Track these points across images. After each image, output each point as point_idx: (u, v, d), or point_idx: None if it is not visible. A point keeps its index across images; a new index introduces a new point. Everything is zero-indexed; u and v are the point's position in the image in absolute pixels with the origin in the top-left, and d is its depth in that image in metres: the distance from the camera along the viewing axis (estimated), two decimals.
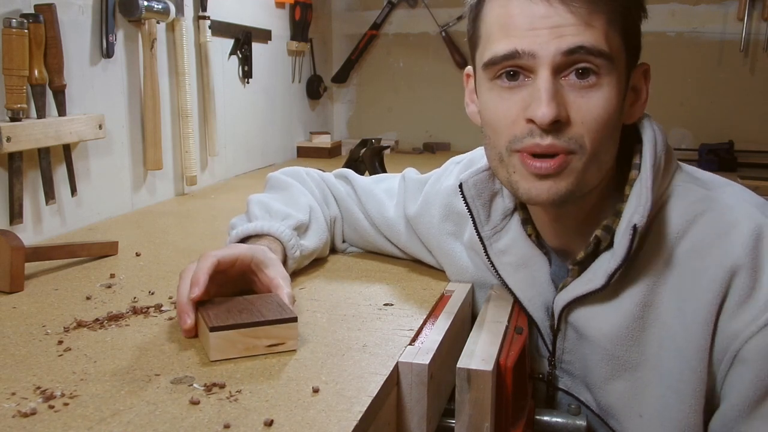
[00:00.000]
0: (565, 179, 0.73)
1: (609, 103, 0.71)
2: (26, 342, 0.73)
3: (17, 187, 1.13)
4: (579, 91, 0.71)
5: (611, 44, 0.70)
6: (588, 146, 0.72)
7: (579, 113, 0.71)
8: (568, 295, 0.80)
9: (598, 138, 0.72)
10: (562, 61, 0.70)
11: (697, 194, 0.77)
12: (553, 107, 0.69)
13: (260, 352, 0.70)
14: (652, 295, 0.76)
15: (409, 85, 2.66)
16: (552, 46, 0.69)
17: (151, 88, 1.48)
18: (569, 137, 0.71)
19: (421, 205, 0.98)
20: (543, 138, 0.71)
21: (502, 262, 0.87)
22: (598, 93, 0.71)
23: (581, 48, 0.69)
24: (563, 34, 0.69)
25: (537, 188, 0.74)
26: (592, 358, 0.81)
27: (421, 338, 0.78)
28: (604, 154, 0.74)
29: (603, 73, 0.70)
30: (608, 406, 0.82)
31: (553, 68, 0.70)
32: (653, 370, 0.78)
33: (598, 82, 0.71)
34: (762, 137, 2.29)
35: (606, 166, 0.75)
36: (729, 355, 0.73)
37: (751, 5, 2.23)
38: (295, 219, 0.96)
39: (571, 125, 0.71)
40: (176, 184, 1.66)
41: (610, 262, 0.76)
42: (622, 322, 0.77)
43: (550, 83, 0.70)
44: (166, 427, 0.56)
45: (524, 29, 0.70)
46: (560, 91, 0.70)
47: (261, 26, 2.08)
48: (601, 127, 0.71)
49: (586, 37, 0.69)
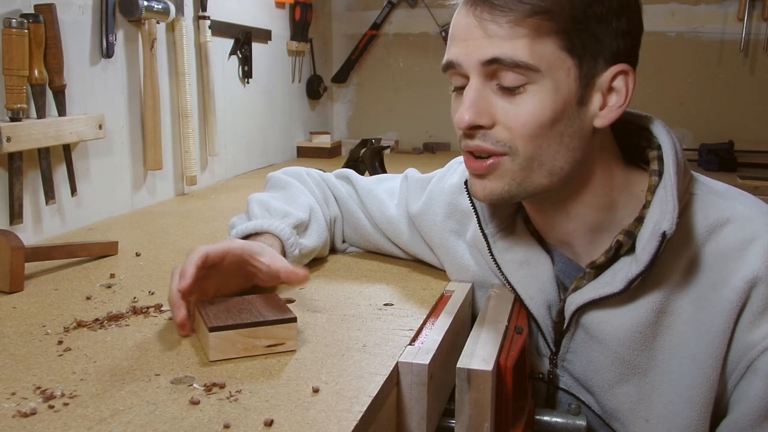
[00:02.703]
0: (499, 180, 0.76)
1: (538, 110, 0.72)
2: (26, 342, 0.73)
3: (17, 187, 1.13)
4: (506, 98, 0.73)
5: (538, 53, 0.71)
6: (520, 149, 0.74)
7: (506, 117, 0.73)
8: (583, 297, 0.80)
9: (530, 142, 0.73)
10: (485, 70, 0.73)
11: (715, 204, 0.78)
12: (471, 113, 0.73)
13: (260, 352, 0.70)
14: (667, 302, 0.77)
15: (409, 85, 2.66)
16: (474, 57, 0.73)
17: (151, 88, 1.48)
18: (496, 140, 0.74)
19: (425, 202, 0.99)
20: (470, 141, 0.76)
21: (505, 259, 0.87)
22: (525, 100, 0.72)
23: (496, 60, 0.72)
24: (485, 45, 0.72)
25: (476, 186, 0.78)
26: (600, 360, 0.82)
27: (421, 338, 0.78)
28: (549, 159, 0.74)
29: (528, 81, 0.72)
30: (613, 410, 0.82)
31: (480, 76, 0.73)
32: (663, 375, 0.78)
33: (524, 89, 0.72)
34: (762, 137, 2.29)
35: (559, 171, 0.75)
36: (743, 365, 0.74)
37: (751, 5, 2.23)
38: (294, 217, 0.96)
39: (497, 129, 0.74)
40: (176, 184, 1.66)
41: (631, 268, 0.76)
42: (635, 326, 0.78)
43: (472, 90, 0.74)
44: (166, 427, 0.56)
45: (459, 40, 0.75)
46: (488, 97, 0.74)
47: (261, 26, 2.08)
48: (531, 132, 0.73)
49: (503, 50, 0.71)
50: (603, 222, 0.81)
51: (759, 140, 2.28)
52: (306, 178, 1.09)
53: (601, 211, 0.80)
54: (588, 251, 0.83)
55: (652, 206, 0.76)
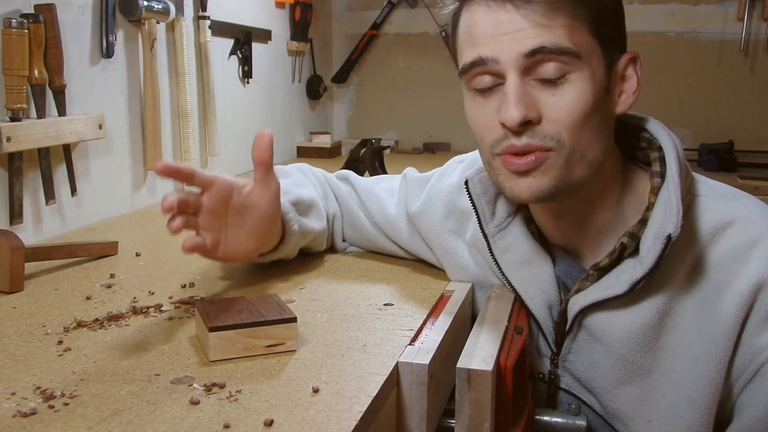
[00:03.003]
0: (546, 175, 0.73)
1: (582, 98, 0.71)
2: (26, 342, 0.73)
3: (17, 187, 1.13)
4: (549, 89, 0.72)
5: (576, 40, 0.71)
6: (567, 141, 0.72)
7: (552, 110, 0.72)
8: (586, 299, 0.80)
9: (576, 133, 0.72)
10: (526, 63, 0.71)
11: (718, 206, 0.78)
12: (521, 108, 0.70)
13: (260, 352, 0.70)
14: (671, 304, 0.77)
15: (409, 85, 2.66)
16: (514, 51, 0.71)
17: (151, 88, 1.48)
18: (543, 135, 0.72)
19: (424, 202, 0.98)
20: (518, 139, 0.72)
21: (505, 259, 0.87)
22: (569, 88, 0.71)
23: (543, 48, 0.70)
24: (523, 37, 0.70)
25: (519, 185, 0.75)
26: (603, 361, 0.81)
27: (421, 338, 0.78)
28: (589, 149, 0.74)
29: (572, 69, 0.71)
30: (615, 410, 0.82)
31: (519, 70, 0.71)
32: (666, 377, 0.78)
33: (566, 78, 0.71)
34: (762, 137, 2.29)
35: (596, 161, 0.75)
36: (751, 369, 0.74)
37: (751, 5, 2.23)
38: (294, 194, 0.95)
39: (544, 123, 0.72)
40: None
41: (635, 270, 0.76)
42: (638, 328, 0.78)
43: (516, 86, 0.71)
44: (166, 427, 0.56)
45: (487, 37, 0.72)
46: (530, 92, 0.72)
47: (261, 26, 2.08)
48: (577, 121, 0.72)
49: (546, 38, 0.70)
50: (610, 222, 0.81)
51: (759, 140, 2.28)
52: (309, 173, 1.10)
53: (611, 210, 0.81)
54: (592, 252, 0.83)
55: (655, 208, 0.76)
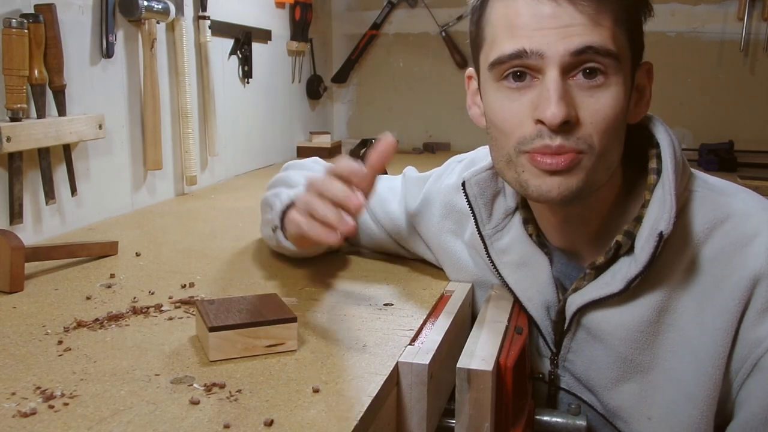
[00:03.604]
0: (576, 176, 0.72)
1: (617, 103, 0.71)
2: (26, 342, 0.73)
3: (17, 187, 1.13)
4: (587, 91, 0.70)
5: (618, 43, 0.70)
6: (597, 145, 0.71)
7: (588, 113, 0.70)
8: (583, 298, 0.80)
9: (606, 137, 0.72)
10: (571, 61, 0.69)
11: (714, 201, 0.77)
12: (563, 107, 0.68)
13: (260, 352, 0.70)
14: (669, 301, 0.77)
15: (409, 85, 2.66)
16: (561, 46, 0.68)
17: (151, 88, 1.47)
18: (578, 137, 0.70)
19: (422, 202, 0.98)
20: (553, 139, 0.70)
21: (502, 261, 0.87)
22: (606, 92, 0.70)
23: (590, 48, 0.68)
24: (571, 34, 0.68)
25: (548, 184, 0.73)
26: (602, 359, 0.81)
27: (421, 338, 0.78)
28: (612, 154, 0.74)
29: (611, 73, 0.70)
30: (616, 408, 0.82)
31: (561, 68, 0.69)
32: (665, 373, 0.78)
33: (606, 81, 0.70)
34: (762, 137, 2.29)
35: (613, 165, 0.75)
36: (749, 363, 0.74)
37: (751, 5, 2.23)
38: None
39: (580, 125, 0.70)
40: (176, 184, 1.66)
41: (630, 267, 0.76)
42: (637, 325, 0.78)
43: (558, 83, 0.69)
44: (166, 427, 0.56)
45: (531, 29, 0.70)
46: (569, 91, 0.70)
47: (261, 26, 2.08)
48: (609, 126, 0.71)
49: (594, 37, 0.69)
50: (610, 225, 0.81)
51: (759, 140, 2.28)
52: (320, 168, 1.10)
53: (612, 213, 0.81)
54: (589, 252, 0.83)
55: (650, 205, 0.76)
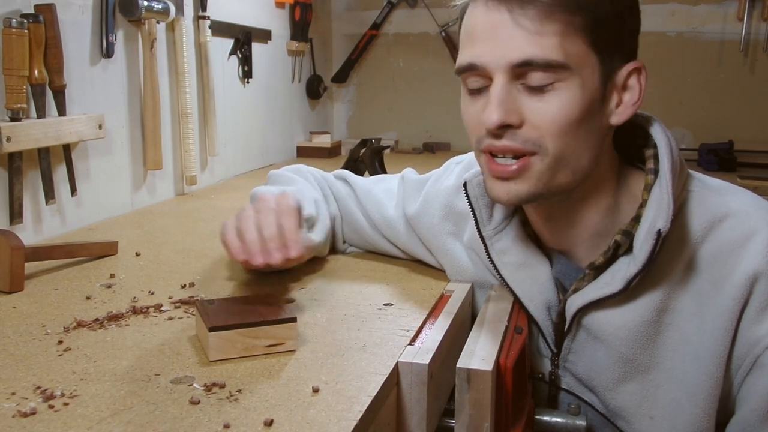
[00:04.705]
0: (526, 182, 0.74)
1: (567, 107, 0.71)
2: (26, 342, 0.73)
3: (17, 187, 1.13)
4: (534, 96, 0.72)
5: (568, 50, 0.70)
6: (550, 148, 0.72)
7: (535, 117, 0.72)
8: (583, 298, 0.80)
9: (559, 140, 0.72)
10: (514, 71, 0.71)
11: (712, 200, 0.78)
12: (500, 113, 0.71)
13: (260, 352, 0.70)
14: (668, 300, 0.77)
15: (409, 85, 2.66)
16: (504, 59, 0.71)
17: (151, 88, 1.48)
18: (525, 139, 0.73)
19: (422, 204, 0.98)
20: (498, 141, 0.74)
21: (503, 261, 0.87)
22: (554, 97, 0.71)
23: (530, 62, 0.70)
24: (513, 46, 0.70)
25: (498, 188, 0.76)
26: (602, 360, 0.82)
27: (421, 338, 0.78)
28: (575, 157, 0.74)
29: (559, 79, 0.71)
30: (617, 408, 0.82)
31: (507, 76, 0.72)
32: (666, 373, 0.78)
33: (553, 87, 0.71)
34: (762, 137, 2.29)
35: (581, 169, 0.75)
36: (749, 361, 0.74)
37: (751, 5, 2.23)
38: (305, 211, 0.95)
39: (526, 128, 0.72)
40: (176, 184, 1.66)
41: (629, 267, 0.76)
42: (637, 325, 0.78)
43: (500, 89, 0.72)
44: (166, 427, 0.56)
45: (481, 40, 0.73)
46: (515, 96, 0.72)
47: (261, 26, 2.08)
48: (560, 130, 0.72)
49: (535, 49, 0.70)
50: (605, 223, 0.81)
51: (759, 140, 2.28)
52: (308, 175, 1.09)
53: (605, 213, 0.81)
54: (588, 254, 0.83)
55: (648, 205, 0.76)
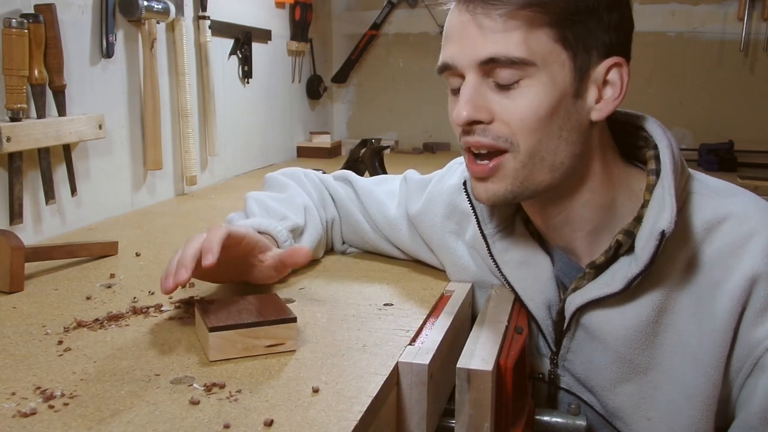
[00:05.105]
0: (502, 181, 0.76)
1: (535, 103, 0.72)
2: (26, 342, 0.73)
3: (17, 187, 1.13)
4: (502, 93, 0.73)
5: (533, 47, 0.71)
6: (521, 144, 0.73)
7: (504, 113, 0.73)
8: (583, 297, 0.80)
9: (530, 137, 0.73)
10: (481, 69, 0.73)
11: (712, 202, 0.78)
12: (468, 109, 0.73)
13: (260, 352, 0.70)
14: (667, 301, 0.77)
15: (409, 85, 2.66)
16: (471, 58, 0.73)
17: (151, 88, 1.48)
18: (496, 135, 0.74)
19: (425, 203, 0.99)
20: (470, 136, 0.76)
21: (504, 259, 0.87)
22: (521, 94, 0.72)
23: (494, 59, 0.71)
24: (478, 45, 0.72)
25: (478, 188, 0.79)
26: (601, 359, 0.82)
27: (421, 338, 0.78)
28: (549, 154, 0.74)
29: (524, 76, 0.72)
30: (615, 408, 0.82)
31: (477, 73, 0.74)
32: (664, 374, 0.78)
33: (519, 84, 0.72)
34: (762, 137, 2.29)
35: (561, 166, 0.75)
36: (749, 363, 0.74)
37: (751, 5, 2.23)
38: (291, 221, 0.96)
39: (496, 124, 0.74)
40: (176, 184, 1.66)
41: (630, 267, 0.76)
42: (636, 325, 0.78)
43: (469, 87, 0.74)
44: (166, 427, 0.56)
45: (453, 41, 0.75)
46: (484, 93, 0.74)
47: (261, 26, 2.08)
48: (530, 126, 0.73)
49: (498, 47, 0.71)
50: (603, 223, 0.81)
51: (759, 140, 2.28)
52: (303, 179, 1.09)
53: (602, 211, 0.80)
54: (588, 252, 0.83)
55: (650, 205, 0.76)
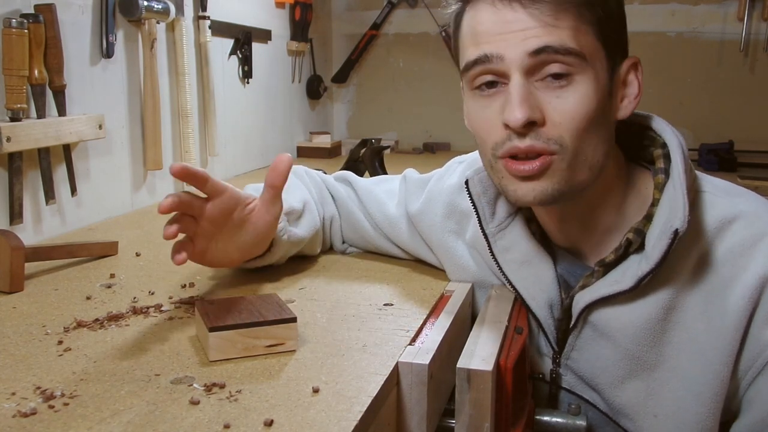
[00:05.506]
0: (550, 179, 0.73)
1: (585, 101, 0.71)
2: (26, 342, 0.73)
3: (17, 187, 1.13)
4: (553, 92, 0.71)
5: (582, 42, 0.71)
6: (569, 145, 0.72)
7: (555, 113, 0.71)
8: (592, 295, 0.80)
9: (578, 136, 0.72)
10: (531, 62, 0.71)
11: (722, 201, 0.78)
12: (525, 109, 0.70)
13: (260, 352, 0.70)
14: (677, 299, 0.77)
15: (409, 85, 2.66)
16: (519, 49, 0.70)
17: (151, 88, 1.48)
18: (547, 138, 0.72)
19: (424, 202, 0.99)
20: (521, 140, 0.72)
21: (506, 259, 0.87)
22: (573, 91, 0.71)
23: (548, 48, 0.70)
24: (528, 36, 0.70)
25: (522, 189, 0.75)
26: (608, 357, 0.82)
27: (421, 338, 0.78)
28: (591, 153, 0.74)
29: (575, 72, 0.71)
30: (621, 406, 0.82)
31: (523, 71, 0.71)
32: (672, 371, 0.78)
33: (571, 80, 0.71)
34: (762, 137, 2.29)
35: (597, 165, 0.75)
36: (759, 363, 0.74)
37: (751, 5, 2.23)
38: (288, 204, 0.95)
39: (548, 126, 0.72)
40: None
41: (641, 265, 0.76)
42: (644, 323, 0.78)
43: (520, 86, 0.71)
44: (166, 427, 0.56)
45: (492, 35, 0.72)
46: (534, 93, 0.71)
47: (261, 26, 2.08)
48: (579, 125, 0.72)
49: (552, 38, 0.70)
50: (613, 223, 0.81)
51: (759, 140, 2.28)
52: (304, 176, 1.09)
53: (613, 211, 0.81)
54: (594, 251, 0.83)
55: (661, 204, 0.76)
